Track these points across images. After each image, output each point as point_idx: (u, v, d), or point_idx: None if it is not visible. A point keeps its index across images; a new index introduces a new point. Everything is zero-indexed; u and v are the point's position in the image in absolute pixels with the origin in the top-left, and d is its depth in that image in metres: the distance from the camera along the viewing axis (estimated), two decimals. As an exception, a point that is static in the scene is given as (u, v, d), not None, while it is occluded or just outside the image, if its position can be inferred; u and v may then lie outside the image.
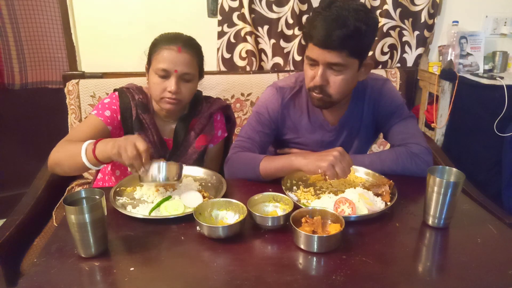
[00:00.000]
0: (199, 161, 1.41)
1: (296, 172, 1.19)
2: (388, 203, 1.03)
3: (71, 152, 1.10)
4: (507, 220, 1.34)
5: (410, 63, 2.25)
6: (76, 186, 1.75)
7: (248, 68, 2.10)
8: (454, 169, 1.00)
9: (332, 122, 1.36)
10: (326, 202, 1.03)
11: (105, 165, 1.15)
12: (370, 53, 2.05)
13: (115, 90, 1.36)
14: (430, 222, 0.98)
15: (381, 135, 1.47)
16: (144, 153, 0.99)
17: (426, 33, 2.19)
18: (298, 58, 2.13)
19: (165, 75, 1.22)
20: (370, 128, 1.41)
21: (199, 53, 1.29)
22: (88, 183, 1.74)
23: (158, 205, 1.02)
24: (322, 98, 1.21)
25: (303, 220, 0.92)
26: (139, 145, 0.99)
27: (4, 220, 1.35)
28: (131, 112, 1.30)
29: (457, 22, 2.19)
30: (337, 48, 1.11)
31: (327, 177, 1.06)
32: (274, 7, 2.04)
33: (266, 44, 2.11)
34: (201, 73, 1.32)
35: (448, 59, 2.18)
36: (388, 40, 2.18)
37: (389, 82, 1.38)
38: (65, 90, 1.79)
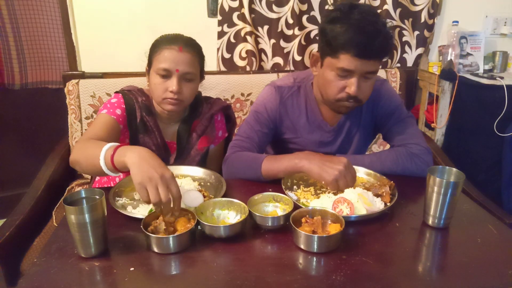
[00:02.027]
0: (201, 163, 1.41)
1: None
2: (388, 204, 1.03)
3: (90, 154, 0.99)
4: (507, 220, 1.34)
5: (410, 63, 2.25)
6: (76, 186, 1.75)
7: (248, 68, 2.10)
8: (454, 169, 1.00)
9: (331, 123, 1.36)
10: (325, 202, 1.03)
11: (122, 173, 1.02)
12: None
13: (116, 92, 1.34)
14: (430, 222, 0.98)
15: (380, 135, 1.47)
16: (177, 200, 0.87)
17: (426, 33, 2.19)
18: (298, 58, 2.13)
19: (167, 74, 1.21)
20: (368, 129, 1.41)
21: (200, 53, 1.29)
22: (88, 183, 1.74)
23: (158, 205, 1.02)
24: (354, 105, 1.21)
25: (303, 220, 0.92)
26: (173, 189, 0.86)
27: (4, 220, 1.35)
28: (136, 114, 1.29)
29: (457, 22, 2.19)
30: (378, 57, 1.11)
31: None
32: (274, 7, 2.04)
33: (266, 44, 2.11)
34: (202, 73, 1.32)
35: (448, 59, 2.18)
36: (388, 40, 2.18)
37: (387, 83, 1.38)
38: (65, 90, 1.79)
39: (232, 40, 2.07)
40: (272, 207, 1.02)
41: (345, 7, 1.11)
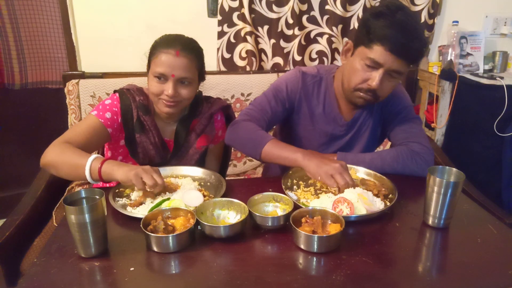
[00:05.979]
0: (200, 162, 1.41)
1: (297, 170, 1.20)
2: (388, 203, 1.03)
3: (73, 162, 1.08)
4: (507, 220, 1.34)
5: (410, 63, 2.25)
6: (76, 186, 1.75)
7: (248, 68, 2.10)
8: (454, 169, 1.00)
9: (346, 117, 1.38)
10: (325, 202, 1.03)
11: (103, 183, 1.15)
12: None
13: (115, 91, 1.35)
14: (430, 222, 0.98)
15: (388, 142, 1.47)
16: (162, 184, 1.05)
17: (426, 33, 2.19)
18: (298, 58, 2.13)
19: (163, 78, 1.21)
20: (377, 129, 1.42)
21: (199, 56, 1.28)
22: (88, 183, 1.74)
23: (158, 205, 1.02)
24: (370, 100, 1.23)
25: (303, 220, 0.92)
26: (157, 178, 1.04)
27: (4, 220, 1.35)
28: (132, 113, 1.29)
29: (457, 22, 2.19)
30: (409, 58, 1.15)
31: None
32: (274, 7, 2.04)
33: (266, 44, 2.11)
34: (201, 75, 1.31)
35: (448, 59, 2.18)
36: (388, 40, 2.18)
37: (400, 85, 1.40)
38: (65, 90, 1.79)
39: (232, 40, 2.07)
40: (272, 207, 1.02)
41: (393, 6, 1.15)
